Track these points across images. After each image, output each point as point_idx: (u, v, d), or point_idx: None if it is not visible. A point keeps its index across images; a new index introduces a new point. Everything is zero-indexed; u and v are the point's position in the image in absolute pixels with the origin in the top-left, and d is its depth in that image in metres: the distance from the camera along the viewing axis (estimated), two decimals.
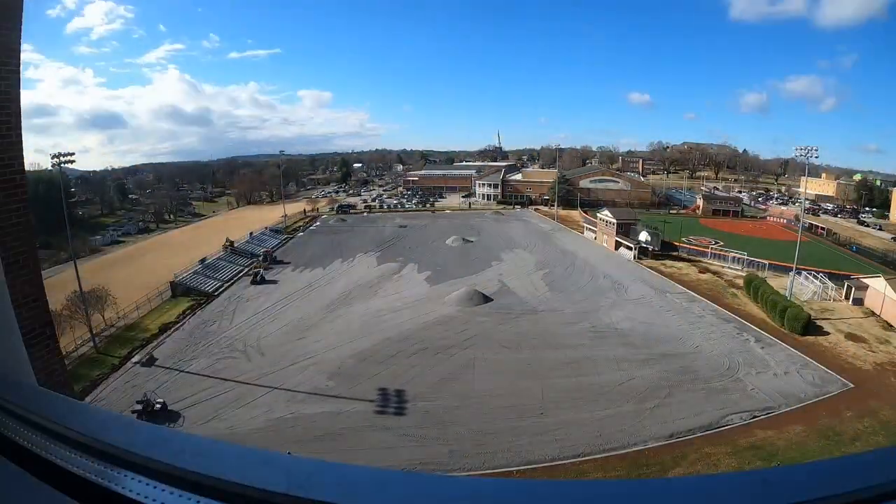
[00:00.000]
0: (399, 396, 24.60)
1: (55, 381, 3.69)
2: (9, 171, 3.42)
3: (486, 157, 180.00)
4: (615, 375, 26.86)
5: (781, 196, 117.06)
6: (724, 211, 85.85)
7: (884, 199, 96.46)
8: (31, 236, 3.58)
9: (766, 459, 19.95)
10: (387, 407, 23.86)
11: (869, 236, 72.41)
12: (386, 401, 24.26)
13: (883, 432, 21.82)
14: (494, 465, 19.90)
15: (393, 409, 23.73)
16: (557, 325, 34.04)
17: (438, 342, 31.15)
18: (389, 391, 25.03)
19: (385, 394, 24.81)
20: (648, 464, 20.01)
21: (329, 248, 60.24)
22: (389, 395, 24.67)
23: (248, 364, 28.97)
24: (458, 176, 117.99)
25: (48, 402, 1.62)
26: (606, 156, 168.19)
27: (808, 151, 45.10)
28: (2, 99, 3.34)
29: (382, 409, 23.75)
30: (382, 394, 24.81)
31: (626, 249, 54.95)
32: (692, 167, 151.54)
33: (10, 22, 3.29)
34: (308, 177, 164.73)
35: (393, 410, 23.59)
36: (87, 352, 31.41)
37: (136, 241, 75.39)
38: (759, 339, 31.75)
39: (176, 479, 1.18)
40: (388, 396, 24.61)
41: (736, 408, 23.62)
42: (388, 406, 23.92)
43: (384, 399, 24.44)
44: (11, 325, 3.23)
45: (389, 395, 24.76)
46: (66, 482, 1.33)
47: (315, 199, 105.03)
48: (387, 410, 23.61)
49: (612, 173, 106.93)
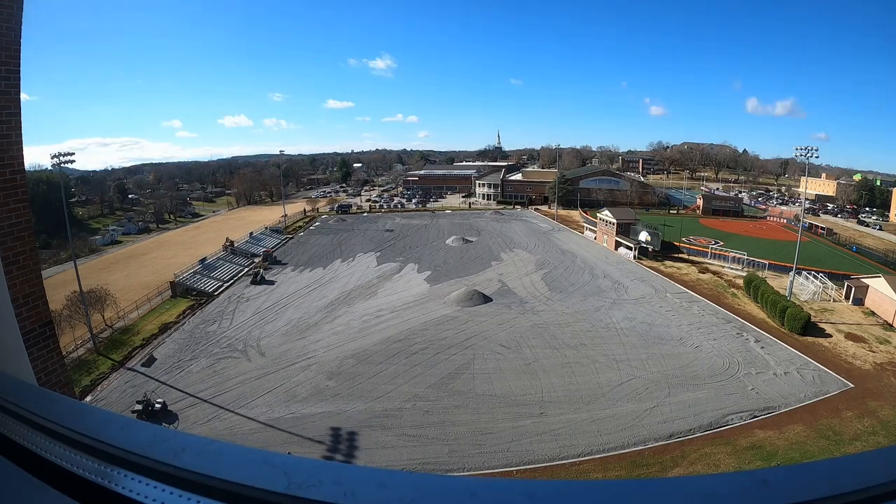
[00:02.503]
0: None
1: (55, 381, 3.69)
2: (9, 171, 3.42)
3: (486, 157, 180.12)
4: (615, 375, 26.86)
5: (781, 196, 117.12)
6: (724, 211, 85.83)
7: (884, 198, 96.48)
8: (31, 236, 3.58)
9: (766, 459, 19.96)
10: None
11: (869, 236, 72.42)
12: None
13: (883, 432, 21.82)
14: (494, 465, 19.91)
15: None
16: (557, 325, 34.02)
17: (438, 342, 31.14)
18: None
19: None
20: (648, 464, 20.01)
21: (329, 248, 60.24)
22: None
23: (248, 364, 28.97)
24: (458, 176, 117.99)
25: (48, 402, 1.61)
26: (606, 156, 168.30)
27: (808, 151, 45.06)
28: (2, 99, 3.34)
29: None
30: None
31: (625, 249, 54.95)
32: (692, 167, 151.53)
33: (10, 22, 3.29)
34: (308, 177, 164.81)
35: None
36: (85, 354, 31.36)
37: (135, 241, 75.30)
38: (759, 339, 31.75)
39: (176, 479, 1.18)
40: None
41: (736, 408, 23.62)
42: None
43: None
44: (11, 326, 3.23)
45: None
46: (66, 482, 1.33)
47: (315, 199, 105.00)
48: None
49: (612, 173, 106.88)
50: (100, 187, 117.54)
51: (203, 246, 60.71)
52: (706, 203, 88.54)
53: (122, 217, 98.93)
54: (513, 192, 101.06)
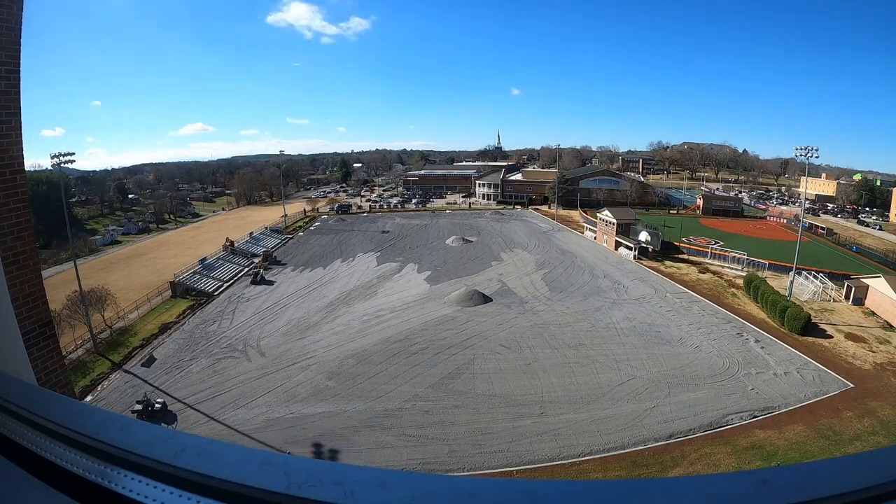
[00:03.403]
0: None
1: (55, 380, 3.69)
2: (9, 171, 3.42)
3: (486, 157, 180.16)
4: (615, 375, 26.86)
5: (781, 196, 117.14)
6: (724, 211, 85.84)
7: (884, 198, 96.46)
8: (31, 236, 3.58)
9: (766, 459, 19.96)
10: None
11: (869, 236, 72.42)
12: None
13: (883, 432, 21.82)
14: (494, 465, 19.91)
15: None
16: (557, 325, 34.02)
17: (439, 342, 31.14)
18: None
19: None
20: (648, 464, 20.01)
21: (329, 248, 60.24)
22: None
23: (248, 364, 28.97)
24: (458, 176, 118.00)
25: (48, 402, 1.62)
26: (606, 156, 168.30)
27: (809, 151, 45.05)
28: (2, 99, 3.34)
29: None
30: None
31: (626, 249, 54.94)
32: (692, 167, 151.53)
33: (10, 22, 3.29)
34: (308, 177, 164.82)
35: None
36: (84, 355, 31.36)
37: (135, 241, 75.31)
38: (759, 339, 31.75)
39: (176, 479, 1.18)
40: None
41: (736, 408, 23.62)
42: None
43: None
44: (11, 325, 3.23)
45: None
46: (66, 482, 1.33)
47: (315, 199, 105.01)
48: None
49: (612, 173, 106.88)
50: (100, 187, 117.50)
51: (203, 246, 60.71)
52: (706, 203, 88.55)
53: (122, 217, 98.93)
54: (513, 192, 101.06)
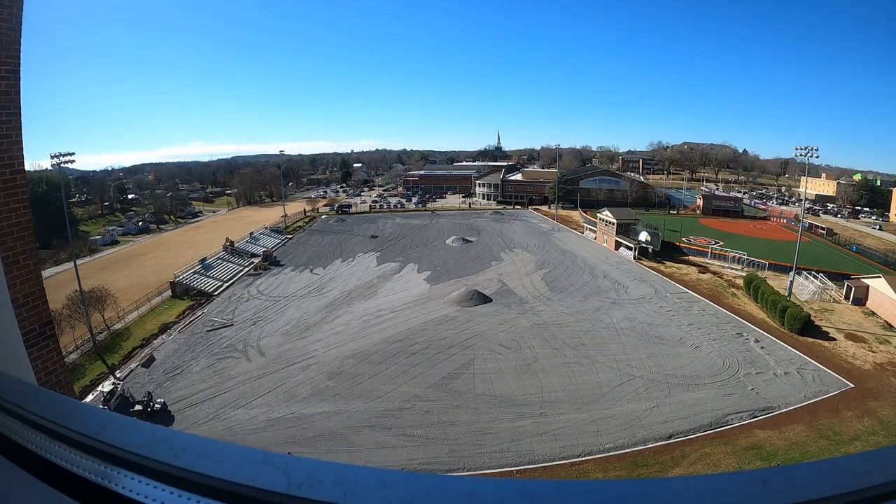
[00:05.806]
0: None
1: (55, 380, 3.69)
2: (9, 171, 3.42)
3: (485, 157, 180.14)
4: (615, 375, 26.86)
5: (781, 196, 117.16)
6: (724, 211, 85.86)
7: (884, 198, 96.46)
8: (31, 236, 3.58)
9: (766, 459, 19.96)
10: None
11: (869, 236, 72.42)
12: None
13: (883, 432, 21.82)
14: (494, 465, 19.90)
15: None
16: (557, 325, 34.02)
17: (439, 342, 31.14)
18: None
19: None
20: (648, 464, 20.01)
21: (329, 248, 60.25)
22: None
23: (247, 364, 28.97)
24: (458, 176, 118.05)
25: (48, 402, 1.61)
26: (606, 156, 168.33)
27: (809, 151, 45.04)
28: (2, 99, 3.34)
29: None
30: None
31: (626, 249, 54.94)
32: (692, 167, 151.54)
33: (10, 22, 3.29)
34: (308, 177, 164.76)
35: None
36: (82, 359, 31.35)
37: (135, 241, 75.27)
38: (759, 339, 31.75)
39: (176, 479, 1.18)
40: None
41: (736, 408, 23.62)
42: None
43: None
44: (11, 326, 3.23)
45: None
46: (66, 482, 1.33)
47: (315, 199, 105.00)
48: None
49: (612, 173, 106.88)
50: (100, 187, 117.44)
51: (203, 246, 60.68)
52: (706, 203, 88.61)
53: (122, 217, 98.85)
54: (513, 192, 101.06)
